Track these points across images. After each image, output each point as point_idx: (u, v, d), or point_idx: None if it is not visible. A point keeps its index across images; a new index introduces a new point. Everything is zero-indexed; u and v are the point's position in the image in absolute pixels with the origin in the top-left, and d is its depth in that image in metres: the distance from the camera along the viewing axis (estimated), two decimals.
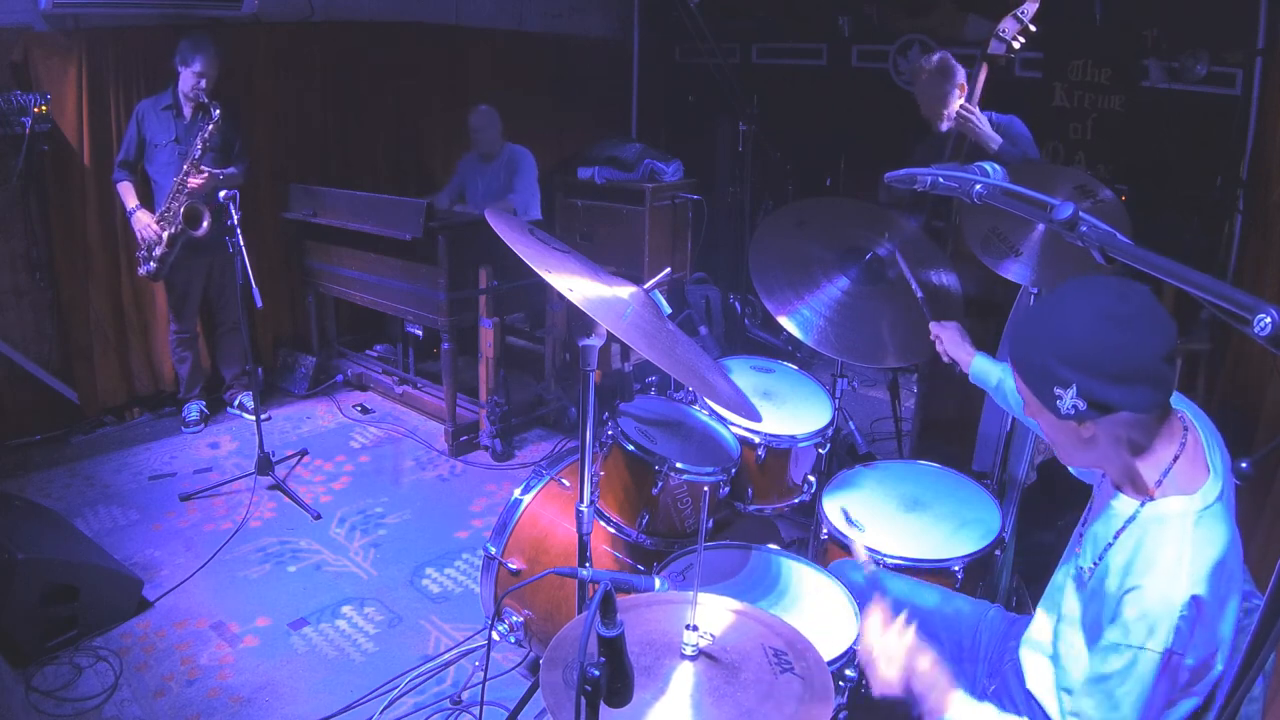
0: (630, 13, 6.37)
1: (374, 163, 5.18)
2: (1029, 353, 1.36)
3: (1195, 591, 1.22)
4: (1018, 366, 1.39)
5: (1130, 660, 1.25)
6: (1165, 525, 1.29)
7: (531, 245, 1.74)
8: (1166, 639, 1.22)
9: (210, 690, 2.55)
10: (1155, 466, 1.33)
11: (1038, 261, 2.25)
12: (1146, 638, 1.23)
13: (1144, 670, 1.24)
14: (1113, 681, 1.27)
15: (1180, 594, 1.22)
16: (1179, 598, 1.22)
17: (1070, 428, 1.33)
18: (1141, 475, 1.34)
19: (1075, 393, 1.27)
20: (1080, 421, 1.30)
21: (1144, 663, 1.24)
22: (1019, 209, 1.29)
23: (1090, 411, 1.27)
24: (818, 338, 2.32)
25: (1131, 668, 1.25)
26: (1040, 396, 1.33)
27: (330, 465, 4.02)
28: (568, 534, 2.34)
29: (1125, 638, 1.25)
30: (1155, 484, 1.33)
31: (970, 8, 4.80)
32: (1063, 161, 4.47)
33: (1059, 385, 1.28)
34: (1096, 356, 1.26)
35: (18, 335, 4.02)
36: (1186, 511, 1.28)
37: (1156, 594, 1.24)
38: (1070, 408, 1.28)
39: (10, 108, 3.65)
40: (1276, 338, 0.81)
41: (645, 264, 5.32)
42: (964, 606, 1.90)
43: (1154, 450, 1.33)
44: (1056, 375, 1.28)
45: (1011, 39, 2.83)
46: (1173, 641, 1.22)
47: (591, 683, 1.08)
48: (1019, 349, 1.39)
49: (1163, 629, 1.22)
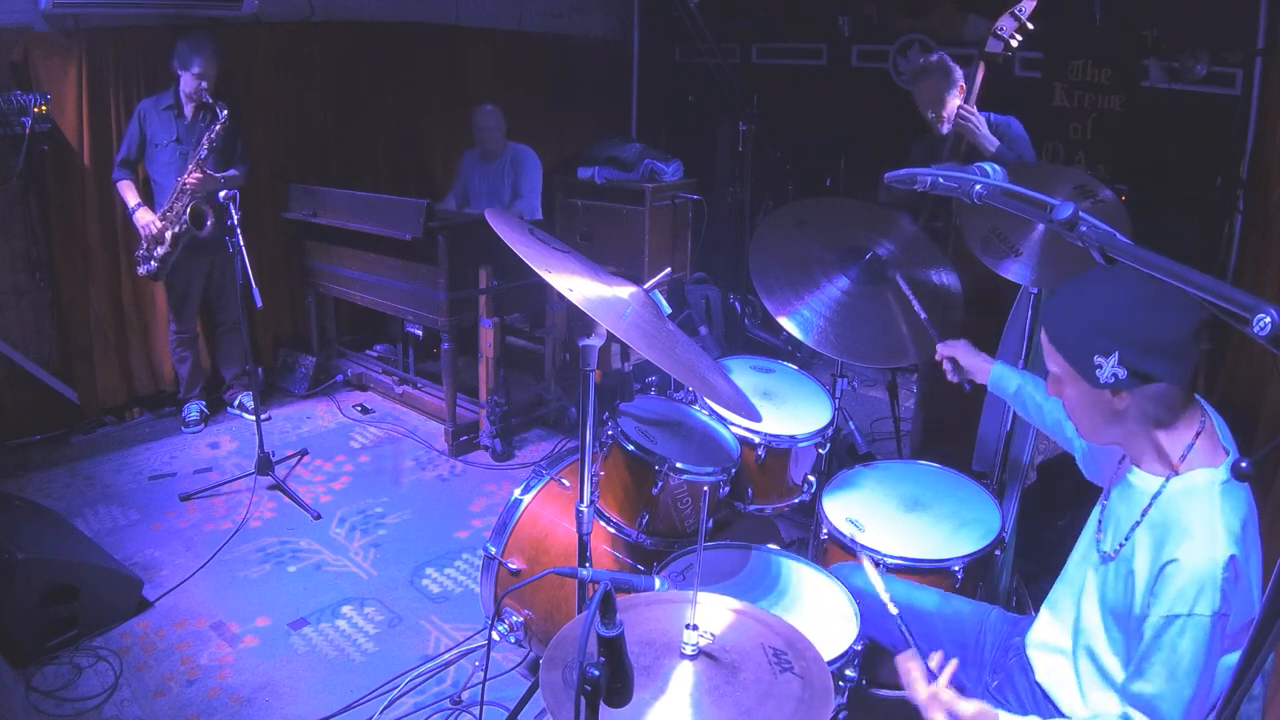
0: (630, 13, 6.37)
1: (374, 163, 5.18)
2: (1068, 322, 1.40)
3: (1232, 552, 1.27)
4: (1053, 337, 1.43)
5: (1181, 628, 1.27)
6: (1194, 496, 1.34)
7: (531, 245, 1.74)
8: (1214, 601, 1.26)
9: (210, 690, 2.55)
10: (1180, 442, 1.38)
11: (1038, 261, 2.25)
12: (1194, 603, 1.26)
13: (1197, 636, 1.27)
14: (1166, 654, 1.29)
15: (1220, 555, 1.26)
16: (1220, 559, 1.26)
17: (1104, 399, 1.37)
18: (1166, 450, 1.39)
19: (1117, 360, 1.32)
20: (1116, 391, 1.35)
21: (1195, 628, 1.27)
22: (1019, 209, 1.29)
23: (1129, 380, 1.32)
24: (818, 338, 2.32)
25: (1183, 635, 1.28)
26: (1078, 366, 1.37)
27: (330, 465, 4.02)
28: (568, 534, 2.35)
29: (1173, 608, 1.28)
30: (1180, 459, 1.37)
31: (970, 8, 4.80)
32: (1063, 161, 4.47)
33: (1100, 354, 1.33)
34: (1138, 327, 1.31)
35: (18, 335, 4.02)
36: (1213, 481, 1.34)
37: (1196, 560, 1.27)
38: (1110, 375, 1.33)
39: (10, 108, 3.65)
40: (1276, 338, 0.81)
41: (645, 264, 5.31)
42: (964, 608, 1.90)
43: (1178, 427, 1.38)
44: (1098, 344, 1.33)
45: (1009, 37, 2.83)
46: (1220, 603, 1.26)
47: (591, 683, 1.09)
48: (1056, 321, 1.43)
49: (1209, 592, 1.26)
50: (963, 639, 1.83)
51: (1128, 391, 1.34)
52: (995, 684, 1.75)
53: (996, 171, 1.36)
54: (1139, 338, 1.31)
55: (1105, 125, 4.38)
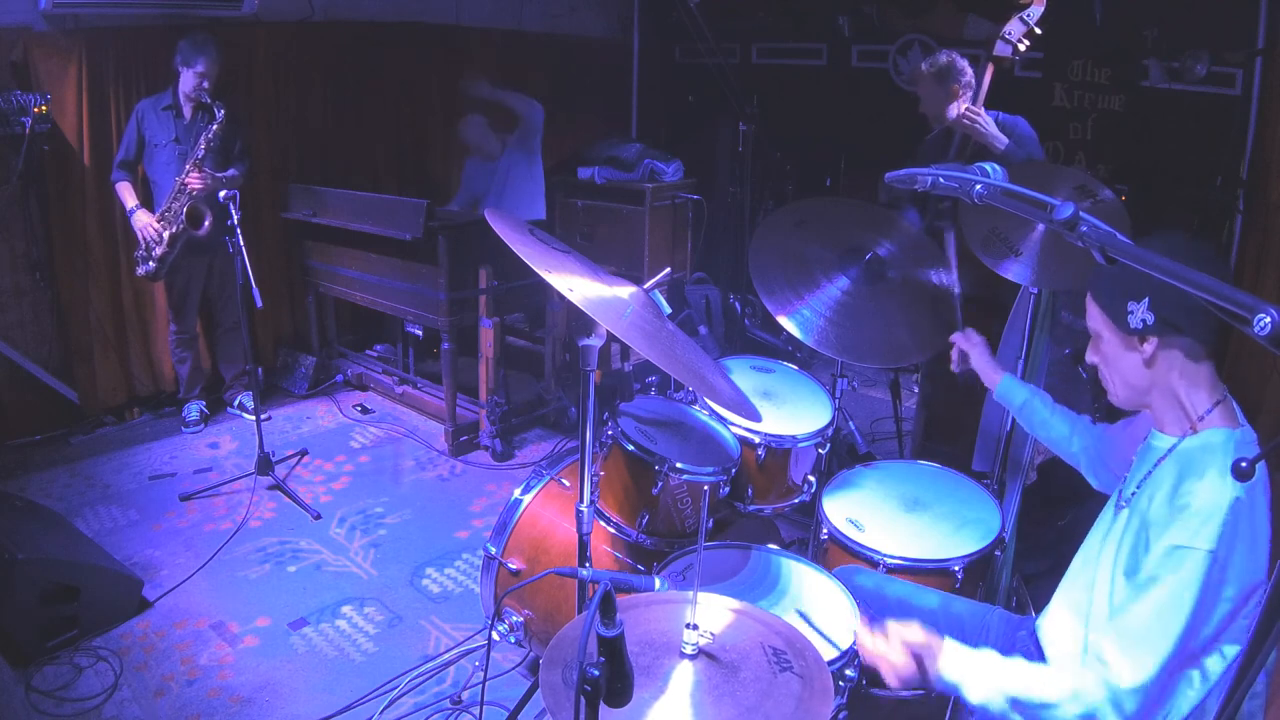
0: (630, 13, 6.37)
1: (374, 163, 5.18)
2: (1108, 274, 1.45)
3: (1237, 494, 1.30)
4: (1094, 290, 1.49)
5: (1179, 560, 1.30)
6: (1209, 450, 1.38)
7: (531, 245, 1.74)
8: (1212, 537, 1.29)
9: (210, 690, 2.55)
10: (1201, 404, 1.43)
11: (1038, 261, 2.25)
12: (1195, 536, 1.30)
13: (1192, 569, 1.29)
14: (1157, 587, 1.32)
15: (1226, 496, 1.30)
16: (1224, 500, 1.30)
17: (1133, 345, 1.44)
18: (1188, 409, 1.43)
19: (1148, 305, 1.38)
20: (1143, 338, 1.41)
21: (1192, 562, 1.29)
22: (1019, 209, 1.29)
23: (1156, 325, 1.38)
24: (818, 338, 2.32)
25: (1179, 568, 1.30)
26: (1111, 312, 1.45)
27: (330, 465, 4.02)
28: (568, 534, 2.34)
29: (1174, 538, 1.31)
30: (1199, 418, 1.42)
31: (970, 7, 4.80)
32: (1063, 161, 4.47)
33: (1133, 298, 1.40)
34: None
35: (18, 335, 4.02)
36: (1229, 439, 1.39)
37: (1204, 499, 1.31)
38: (1140, 320, 1.40)
39: (10, 108, 3.65)
40: (1276, 338, 0.81)
41: (645, 264, 5.31)
42: (964, 609, 1.90)
43: (1200, 388, 1.43)
44: (1133, 288, 1.40)
45: (1017, 41, 2.82)
46: (1218, 541, 1.28)
47: (591, 683, 1.08)
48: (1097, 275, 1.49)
49: (1212, 526, 1.29)
50: (963, 640, 1.83)
51: (1156, 338, 1.40)
52: None
53: (997, 171, 1.35)
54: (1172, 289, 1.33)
55: (1105, 125, 4.39)
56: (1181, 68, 4.07)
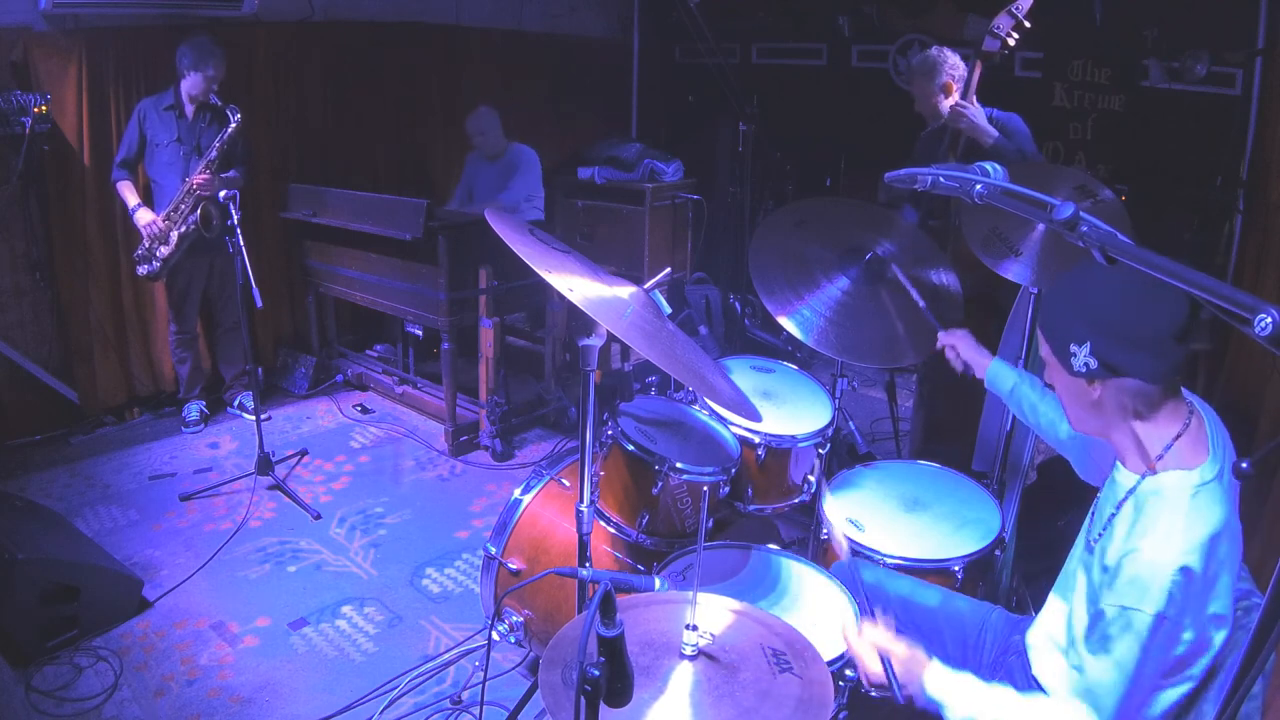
0: (630, 13, 6.37)
1: (374, 163, 5.18)
2: (1053, 310, 1.44)
3: (1186, 562, 1.27)
4: (1041, 323, 1.47)
5: (1126, 621, 1.29)
6: (1163, 497, 1.34)
7: (531, 245, 1.74)
8: (1158, 602, 1.27)
9: (210, 690, 2.55)
10: (1158, 440, 1.38)
11: (1038, 261, 2.25)
12: (1140, 599, 1.28)
13: (1138, 630, 1.29)
14: (1111, 641, 1.31)
15: (1172, 560, 1.27)
16: (1171, 564, 1.27)
17: (1080, 386, 1.40)
18: (1144, 446, 1.39)
19: (1089, 350, 1.34)
20: (1090, 380, 1.37)
21: (1138, 623, 1.28)
22: (1019, 209, 1.29)
23: (1100, 371, 1.35)
24: (818, 338, 2.32)
25: (1127, 628, 1.29)
26: (1057, 353, 1.41)
27: (330, 465, 4.02)
28: (568, 534, 2.34)
29: (1120, 599, 1.30)
30: (1157, 458, 1.38)
31: (970, 7, 4.79)
32: (1063, 161, 4.47)
33: (1075, 342, 1.36)
34: (1113, 319, 1.33)
35: (18, 335, 4.02)
36: (1184, 486, 1.33)
37: (1149, 557, 1.29)
38: (1082, 365, 1.36)
39: (10, 108, 3.65)
40: (1276, 338, 0.81)
41: (645, 264, 5.31)
42: (965, 607, 1.90)
43: (1157, 424, 1.38)
44: (1074, 332, 1.36)
45: (1006, 35, 2.82)
46: (1164, 605, 1.26)
47: (591, 683, 1.08)
48: (1046, 308, 1.47)
49: (1154, 592, 1.27)
50: (964, 638, 1.83)
51: (1100, 382, 1.36)
52: (995, 681, 1.74)
53: (997, 171, 1.35)
54: (1113, 330, 1.33)
55: (1105, 125, 4.38)
56: (1181, 68, 4.07)
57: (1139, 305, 1.31)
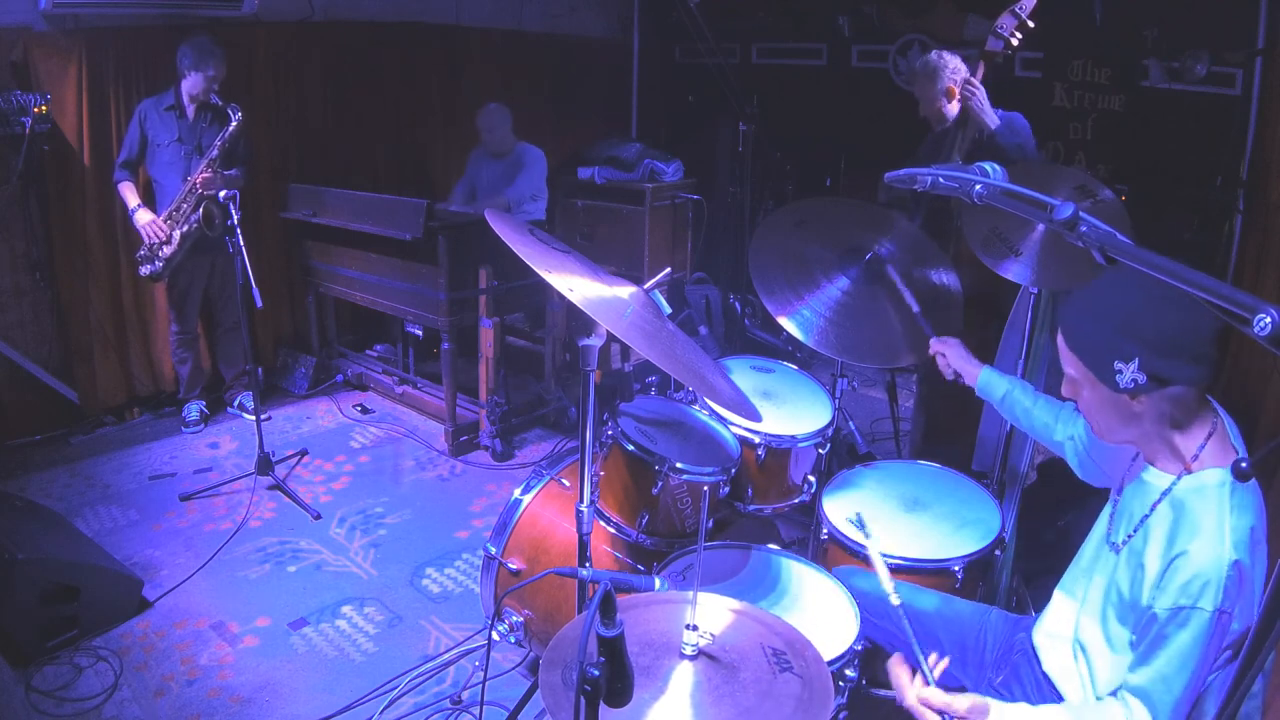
0: (630, 13, 6.37)
1: (374, 163, 5.18)
2: (1088, 327, 1.41)
3: (1237, 556, 1.29)
4: (1072, 342, 1.44)
5: (1184, 620, 1.30)
6: (1204, 494, 1.36)
7: (531, 245, 1.74)
8: (1217, 598, 1.28)
9: (210, 690, 2.55)
10: (1193, 442, 1.40)
11: (1038, 261, 2.25)
12: (1199, 598, 1.29)
13: (1198, 629, 1.29)
14: (1168, 645, 1.32)
15: (1225, 557, 1.29)
16: (1224, 561, 1.29)
17: (1122, 402, 1.39)
18: (1180, 449, 1.40)
19: (1138, 365, 1.33)
20: (1135, 395, 1.36)
21: (1197, 621, 1.29)
22: (1019, 209, 1.29)
23: (1149, 384, 1.34)
24: (818, 338, 2.32)
25: (1184, 628, 1.30)
26: (1098, 371, 1.39)
27: (330, 465, 4.02)
28: (568, 534, 2.34)
29: (1179, 600, 1.31)
30: (1192, 458, 1.39)
31: (970, 7, 4.80)
32: (1063, 161, 4.47)
33: (1121, 359, 1.34)
34: (1160, 331, 1.33)
35: (18, 335, 4.02)
36: (1224, 481, 1.35)
37: (1203, 557, 1.30)
38: (1130, 381, 1.35)
39: (10, 108, 3.65)
40: (1276, 338, 0.81)
41: (645, 264, 5.31)
42: (964, 609, 1.90)
43: (1192, 428, 1.40)
44: (1120, 349, 1.34)
45: (1009, 35, 2.82)
46: (1222, 600, 1.28)
47: (591, 683, 1.08)
48: (1074, 325, 1.44)
49: (1212, 589, 1.28)
50: (963, 640, 1.83)
51: (1146, 395, 1.36)
52: (1000, 679, 1.75)
53: (997, 171, 1.36)
54: (1161, 342, 1.32)
55: (1105, 125, 4.38)
56: (1181, 68, 4.07)
57: (1181, 314, 1.31)
